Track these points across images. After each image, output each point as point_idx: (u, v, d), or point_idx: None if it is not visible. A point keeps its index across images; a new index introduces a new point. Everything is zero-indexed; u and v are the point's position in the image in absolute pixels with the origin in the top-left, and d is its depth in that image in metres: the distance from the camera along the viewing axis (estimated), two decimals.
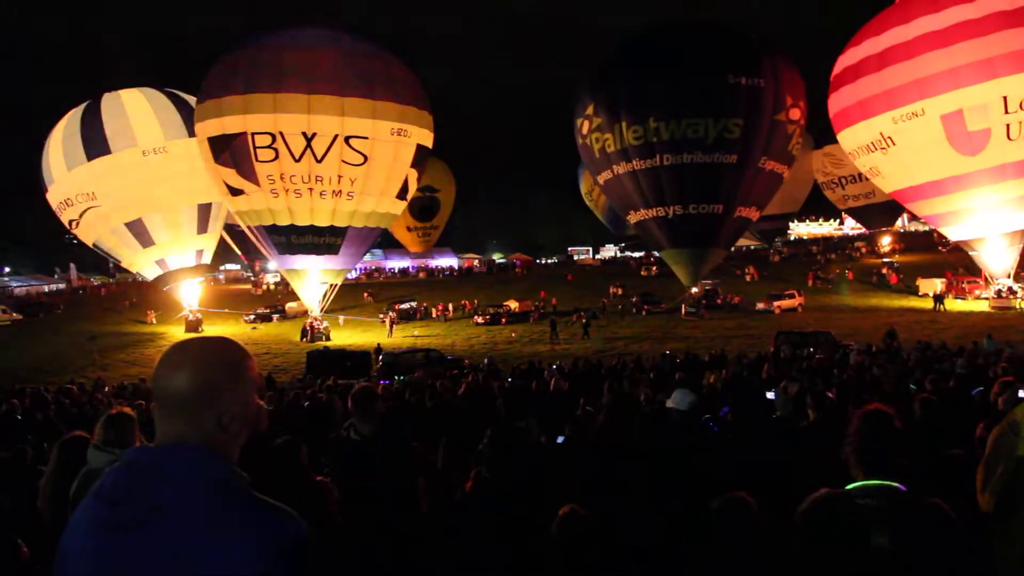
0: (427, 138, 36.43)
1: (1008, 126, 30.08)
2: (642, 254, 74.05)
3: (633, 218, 36.00)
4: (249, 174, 33.94)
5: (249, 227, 36.67)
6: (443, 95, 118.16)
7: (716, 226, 34.16)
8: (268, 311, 52.83)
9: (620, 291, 53.96)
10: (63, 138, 39.12)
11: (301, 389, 16.97)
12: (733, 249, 47.73)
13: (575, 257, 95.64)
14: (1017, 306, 38.27)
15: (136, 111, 38.81)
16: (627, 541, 4.20)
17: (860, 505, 2.72)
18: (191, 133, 37.15)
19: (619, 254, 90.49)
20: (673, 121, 32.67)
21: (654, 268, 64.19)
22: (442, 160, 68.04)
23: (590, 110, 34.74)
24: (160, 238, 40.11)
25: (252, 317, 51.21)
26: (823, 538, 2.74)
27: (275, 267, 45.83)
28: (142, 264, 41.74)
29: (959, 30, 29.90)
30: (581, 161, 63.92)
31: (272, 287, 69.57)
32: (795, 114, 34.28)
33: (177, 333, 43.62)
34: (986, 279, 39.84)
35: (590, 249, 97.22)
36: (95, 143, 38.24)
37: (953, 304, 42.67)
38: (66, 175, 38.93)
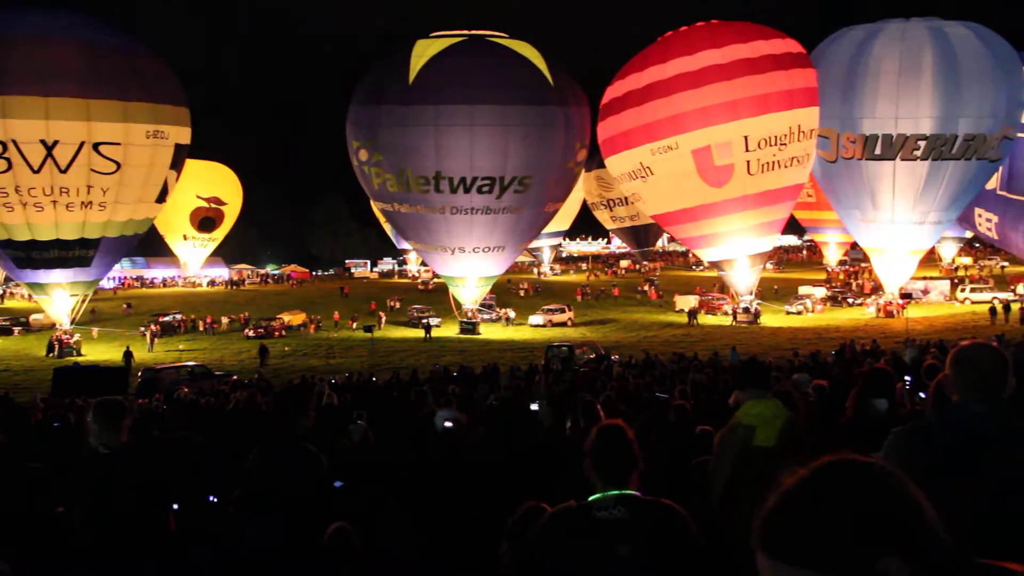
0: (185, 135, 33.86)
1: (748, 162, 33.45)
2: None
3: (413, 245, 36.11)
4: None
5: None
6: (217, 91, 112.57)
7: (496, 259, 35.03)
8: (8, 323, 47.51)
9: (398, 305, 54.12)
10: None
11: (46, 409, 15.55)
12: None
13: (352, 270, 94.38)
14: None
15: None
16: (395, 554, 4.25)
17: (599, 518, 2.81)
18: None
19: (397, 267, 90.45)
20: (462, 176, 32.30)
21: (431, 284, 64.69)
22: (232, 169, 64.76)
23: (370, 143, 33.46)
24: None
25: None
26: (566, 552, 2.82)
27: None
28: None
29: (709, 73, 32.83)
30: None
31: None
32: (581, 155, 35.63)
33: None
34: (732, 296, 43.81)
35: (368, 262, 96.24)
36: None
37: (705, 319, 46.45)
38: None
